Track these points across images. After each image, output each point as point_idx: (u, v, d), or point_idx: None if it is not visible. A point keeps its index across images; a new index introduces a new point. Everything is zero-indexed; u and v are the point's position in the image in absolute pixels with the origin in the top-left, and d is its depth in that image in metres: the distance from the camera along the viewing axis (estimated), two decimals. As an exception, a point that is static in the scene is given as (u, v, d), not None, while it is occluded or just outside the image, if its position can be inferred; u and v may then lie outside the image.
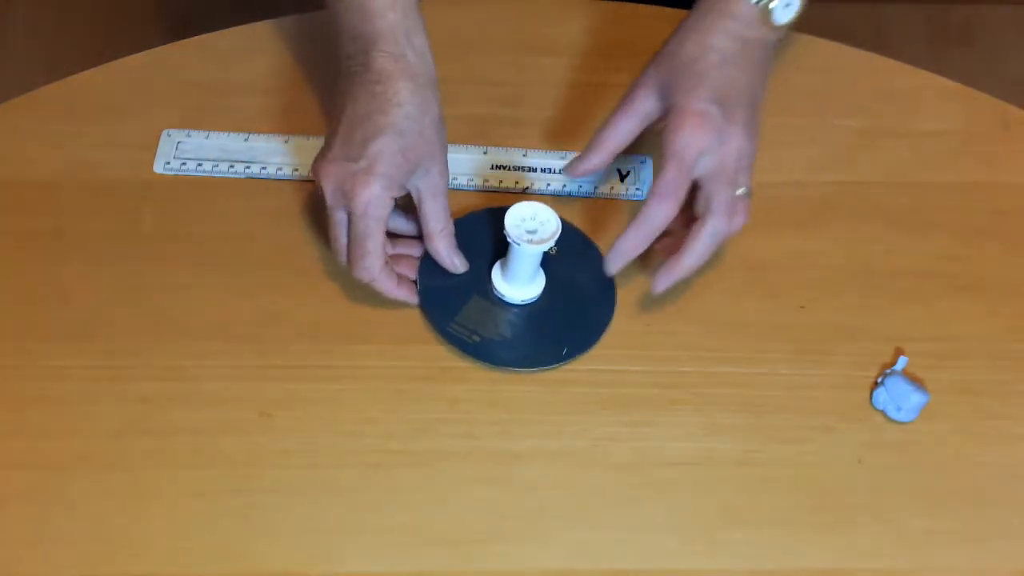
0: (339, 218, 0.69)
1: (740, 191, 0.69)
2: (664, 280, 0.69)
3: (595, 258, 0.75)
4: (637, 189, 0.79)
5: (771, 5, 0.70)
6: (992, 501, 0.67)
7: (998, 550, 0.65)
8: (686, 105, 0.67)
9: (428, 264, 0.73)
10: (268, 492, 0.65)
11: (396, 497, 0.66)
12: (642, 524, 0.65)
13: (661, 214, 0.67)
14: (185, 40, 0.85)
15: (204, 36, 0.85)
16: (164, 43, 0.85)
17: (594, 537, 0.65)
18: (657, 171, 0.68)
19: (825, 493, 0.67)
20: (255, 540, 0.64)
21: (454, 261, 0.72)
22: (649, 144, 0.81)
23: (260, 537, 0.64)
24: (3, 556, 0.63)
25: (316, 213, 0.76)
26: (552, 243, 0.68)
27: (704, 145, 0.67)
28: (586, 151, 0.72)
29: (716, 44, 0.69)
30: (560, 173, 0.79)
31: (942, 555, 0.65)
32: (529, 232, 0.69)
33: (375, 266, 0.69)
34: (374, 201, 0.67)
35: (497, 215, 0.69)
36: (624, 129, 0.71)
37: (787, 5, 0.70)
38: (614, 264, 0.70)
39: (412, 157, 0.68)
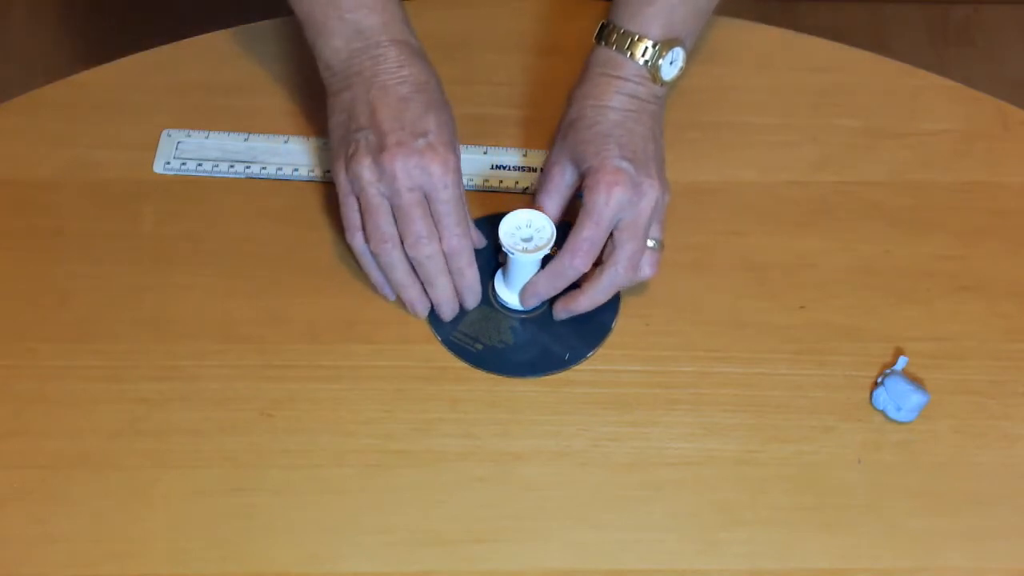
0: (415, 199, 0.68)
1: (651, 243, 0.70)
2: (562, 312, 0.72)
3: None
4: (637, 189, 0.79)
5: (659, 62, 0.72)
6: (992, 501, 0.67)
7: (998, 550, 0.65)
8: (600, 165, 0.69)
9: None
10: (268, 492, 0.65)
11: (396, 497, 0.66)
12: (642, 524, 0.65)
13: (572, 270, 0.69)
14: (185, 40, 0.85)
15: (204, 36, 0.85)
16: (164, 43, 0.85)
17: (594, 537, 0.65)
18: (575, 225, 0.68)
19: (825, 493, 0.67)
20: (255, 540, 0.64)
21: (477, 235, 0.73)
22: (649, 144, 0.81)
23: (260, 537, 0.64)
24: (3, 556, 0.63)
25: (312, 212, 0.76)
26: (547, 250, 0.69)
27: (622, 202, 0.68)
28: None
29: (613, 105, 0.72)
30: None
31: (942, 555, 0.65)
32: (524, 240, 0.69)
33: (468, 232, 0.70)
34: (455, 168, 0.68)
35: (496, 223, 0.69)
36: (551, 209, 0.72)
37: (672, 63, 0.73)
38: (528, 300, 0.71)
39: (454, 128, 0.71)
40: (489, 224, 0.73)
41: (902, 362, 0.70)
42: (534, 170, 0.79)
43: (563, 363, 0.71)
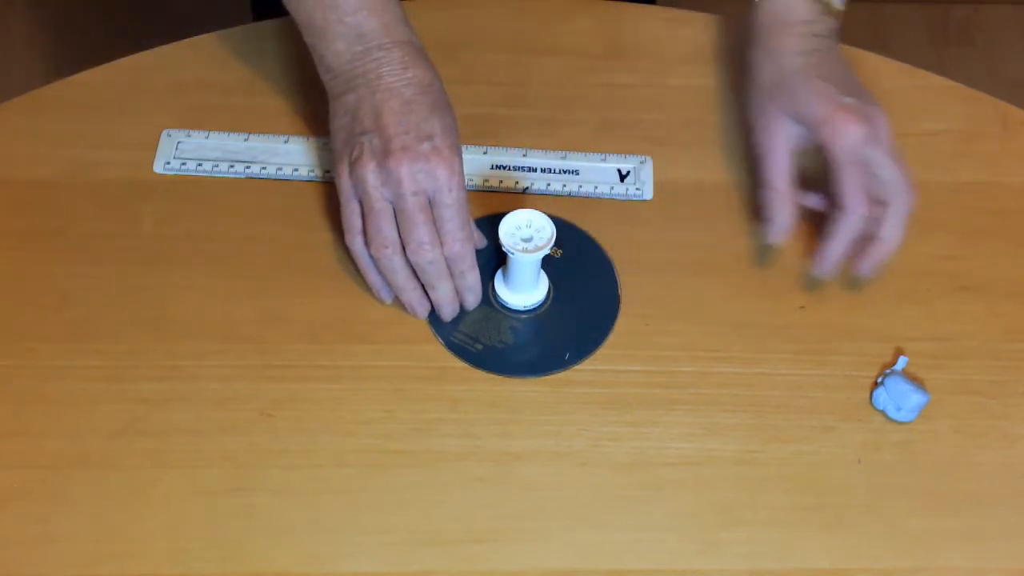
0: (419, 203, 0.68)
1: None
2: (869, 268, 0.72)
3: (599, 258, 0.75)
4: (637, 189, 0.79)
5: None
6: (992, 501, 0.67)
7: (998, 550, 0.65)
8: (827, 110, 0.70)
9: None
10: (268, 492, 0.65)
11: (396, 497, 0.66)
12: (642, 524, 0.65)
13: (861, 219, 0.70)
14: (185, 40, 0.85)
15: (204, 36, 0.85)
16: (164, 43, 0.85)
17: (594, 537, 0.65)
18: (836, 179, 0.70)
19: (825, 493, 0.67)
20: (255, 540, 0.64)
21: (478, 236, 0.73)
22: (649, 144, 0.81)
23: (260, 537, 0.64)
24: (3, 556, 0.63)
25: (312, 213, 0.76)
26: (547, 250, 0.69)
27: (863, 135, 0.70)
28: (770, 211, 0.72)
29: (806, 48, 0.74)
30: (560, 173, 0.79)
31: (942, 555, 0.65)
32: (524, 240, 0.69)
33: (470, 235, 0.69)
34: (460, 171, 0.68)
35: (496, 223, 0.69)
36: (782, 164, 0.72)
37: None
38: (826, 267, 0.72)
39: (458, 130, 0.70)
40: (489, 224, 0.73)
41: (902, 362, 0.70)
42: (534, 170, 0.79)
43: (563, 363, 0.71)
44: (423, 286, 0.71)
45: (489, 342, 0.71)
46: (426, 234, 0.68)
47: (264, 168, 0.78)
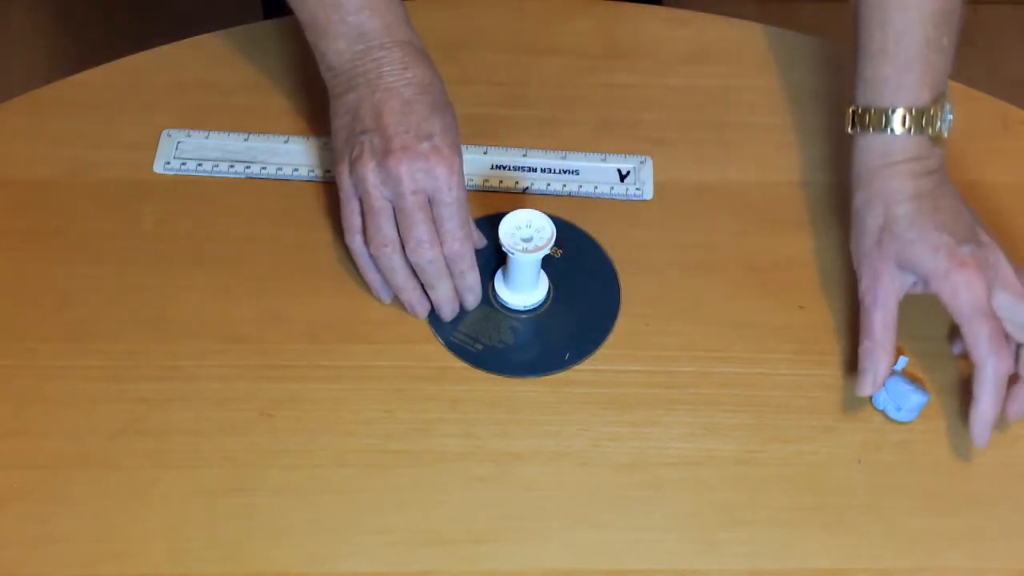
0: (418, 202, 0.68)
1: None
2: (1018, 410, 0.67)
3: (599, 258, 0.75)
4: (637, 189, 0.79)
5: (940, 126, 0.70)
6: (992, 501, 0.67)
7: (998, 550, 0.65)
8: (942, 265, 0.66)
9: None
10: (268, 492, 0.65)
11: (396, 497, 0.66)
12: (642, 524, 0.65)
13: (1002, 370, 0.65)
14: (185, 40, 0.85)
15: (204, 36, 0.85)
16: (164, 43, 0.85)
17: (594, 537, 0.65)
18: (963, 335, 0.66)
19: (825, 493, 0.67)
20: (255, 540, 0.64)
21: (477, 235, 0.73)
22: (649, 144, 0.81)
23: (260, 537, 0.64)
24: (3, 556, 0.63)
25: (312, 213, 0.76)
26: (547, 250, 0.69)
27: (983, 286, 0.66)
28: (865, 362, 0.68)
29: (916, 191, 0.69)
30: (560, 173, 0.79)
31: (942, 555, 0.65)
32: (524, 240, 0.69)
33: (470, 235, 0.69)
34: (460, 171, 0.68)
35: (496, 223, 0.69)
36: (888, 318, 0.68)
37: (944, 120, 0.70)
38: (984, 436, 0.66)
39: (458, 130, 0.70)
40: (489, 224, 0.73)
41: (902, 362, 0.70)
42: (534, 170, 0.79)
43: (563, 363, 0.71)
44: (423, 286, 0.71)
45: (489, 342, 0.71)
46: (425, 233, 0.68)
47: (264, 168, 0.78)
